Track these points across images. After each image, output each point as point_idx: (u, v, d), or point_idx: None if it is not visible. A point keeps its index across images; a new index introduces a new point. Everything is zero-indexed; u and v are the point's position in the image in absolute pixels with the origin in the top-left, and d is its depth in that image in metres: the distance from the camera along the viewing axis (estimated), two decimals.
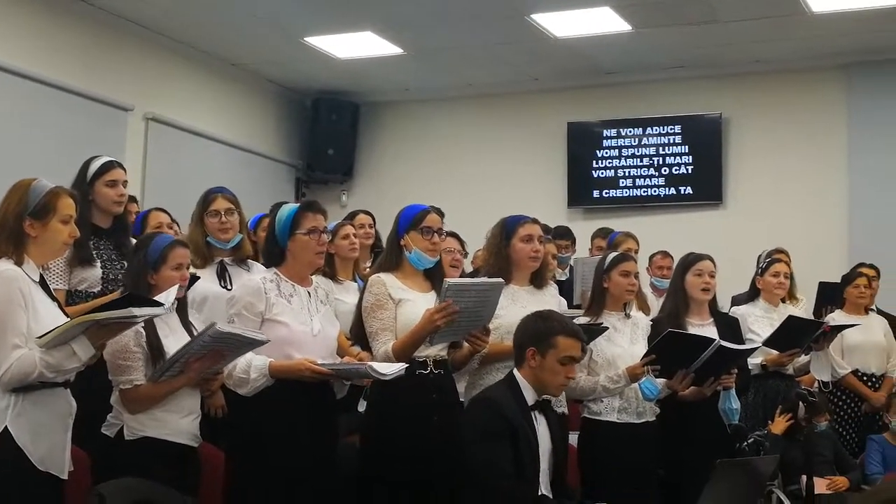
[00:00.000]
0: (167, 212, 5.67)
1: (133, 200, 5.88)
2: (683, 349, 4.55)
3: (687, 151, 9.64)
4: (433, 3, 8.01)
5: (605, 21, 8.24)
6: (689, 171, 9.64)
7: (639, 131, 9.82)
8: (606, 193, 9.90)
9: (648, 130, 9.78)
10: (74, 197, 3.56)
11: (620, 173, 9.86)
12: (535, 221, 4.54)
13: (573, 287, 6.86)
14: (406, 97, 10.61)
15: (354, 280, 5.31)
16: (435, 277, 4.20)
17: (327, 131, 10.52)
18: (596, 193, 9.93)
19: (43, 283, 3.50)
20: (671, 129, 9.70)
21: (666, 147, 9.71)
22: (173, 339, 3.74)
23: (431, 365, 4.08)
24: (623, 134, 9.87)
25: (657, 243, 7.33)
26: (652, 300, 6.46)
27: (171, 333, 3.78)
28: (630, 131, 9.85)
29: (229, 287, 4.60)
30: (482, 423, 3.79)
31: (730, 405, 4.74)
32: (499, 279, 4.16)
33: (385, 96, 10.64)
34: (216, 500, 4.03)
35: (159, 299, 3.41)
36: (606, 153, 9.91)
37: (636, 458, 4.54)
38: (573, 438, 4.69)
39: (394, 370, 3.75)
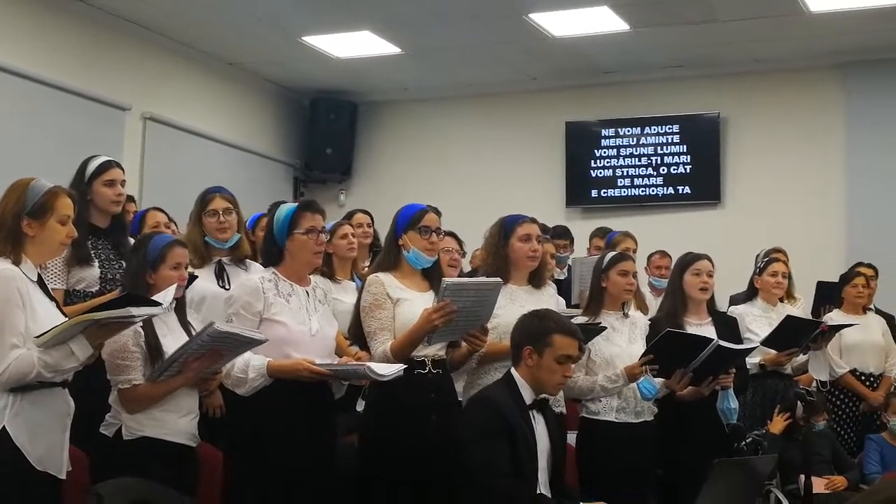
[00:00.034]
0: (164, 211, 5.67)
1: (131, 200, 5.87)
2: (682, 349, 4.55)
3: (685, 151, 9.64)
4: (431, 3, 8.00)
5: (604, 20, 8.24)
6: (688, 171, 9.64)
7: (637, 131, 9.82)
8: (605, 193, 9.89)
9: (647, 130, 9.77)
10: (73, 197, 3.55)
11: (619, 173, 9.85)
12: (534, 221, 4.53)
13: (571, 287, 6.86)
14: (404, 96, 10.60)
15: (352, 279, 5.31)
16: (433, 277, 4.20)
17: (325, 131, 10.51)
18: (594, 193, 9.92)
19: (41, 283, 3.49)
20: (669, 129, 9.69)
21: (664, 146, 9.71)
22: (172, 339, 3.74)
23: (430, 364, 4.08)
24: (621, 133, 9.87)
25: (655, 243, 7.34)
26: (650, 300, 6.46)
27: (170, 333, 3.78)
28: (628, 131, 9.84)
29: (227, 287, 4.59)
30: (480, 423, 3.79)
31: (728, 405, 4.73)
32: (497, 279, 4.15)
33: (383, 96, 10.62)
34: (214, 500, 4.03)
35: (157, 299, 3.40)
36: (605, 153, 9.90)
37: (634, 458, 4.54)
38: (571, 438, 4.69)
39: (392, 371, 3.74)
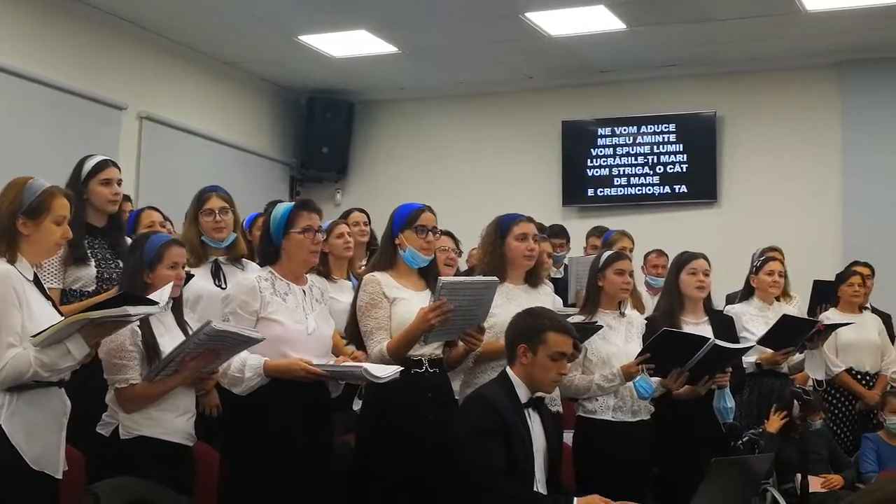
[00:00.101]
0: (160, 210, 5.66)
1: (127, 199, 5.87)
2: (678, 348, 4.55)
3: (681, 150, 9.64)
4: (428, 2, 8.00)
5: (600, 19, 8.24)
6: (684, 170, 9.64)
7: (633, 130, 9.81)
8: (601, 192, 9.89)
9: (643, 129, 9.77)
10: (69, 197, 3.54)
11: (615, 172, 9.85)
12: (530, 220, 4.53)
13: (568, 286, 6.86)
14: (401, 96, 10.59)
15: (349, 279, 5.31)
16: (429, 276, 4.20)
17: (322, 130, 10.50)
18: (591, 192, 9.92)
19: (37, 282, 3.49)
20: (666, 128, 9.70)
21: (660, 145, 9.71)
22: (169, 339, 3.74)
23: (427, 364, 4.09)
24: (618, 132, 9.87)
25: (652, 242, 7.35)
26: (647, 299, 6.46)
27: (167, 332, 3.78)
28: (624, 130, 9.84)
29: (224, 286, 4.59)
30: (476, 420, 3.78)
31: (724, 404, 4.74)
32: (493, 278, 4.15)
33: (380, 95, 10.61)
34: (211, 500, 4.03)
35: (154, 297, 3.40)
36: (601, 152, 9.90)
37: (631, 457, 4.54)
38: (568, 437, 4.69)
39: (389, 373, 3.73)
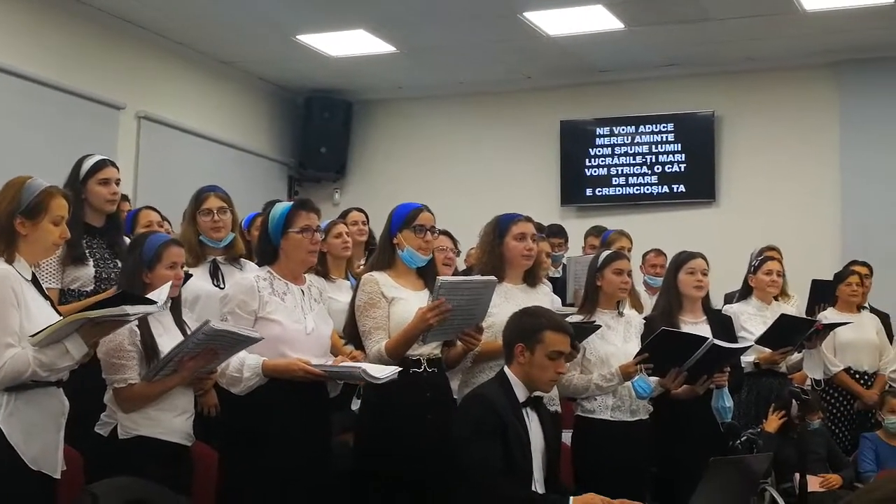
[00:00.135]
0: (157, 210, 5.66)
1: (125, 199, 5.86)
2: (676, 347, 4.55)
3: (680, 149, 9.64)
4: (426, 2, 8.00)
5: (598, 19, 8.24)
6: (682, 170, 9.64)
7: (631, 129, 9.81)
8: (599, 192, 9.89)
9: (641, 128, 9.77)
10: (68, 198, 3.54)
11: (613, 171, 9.85)
12: (529, 219, 4.53)
13: (566, 285, 6.86)
14: (399, 95, 10.59)
15: (347, 278, 5.31)
16: (428, 276, 4.20)
17: (320, 129, 10.50)
18: (589, 192, 9.92)
19: (35, 282, 3.49)
20: (664, 128, 9.70)
21: (659, 145, 9.71)
22: (167, 338, 3.74)
23: (425, 363, 4.09)
24: (616, 132, 9.87)
25: (650, 241, 7.35)
26: (645, 298, 6.47)
27: (165, 332, 3.78)
28: (623, 129, 9.84)
29: (222, 286, 4.58)
30: (474, 419, 3.78)
31: (723, 403, 4.74)
32: (491, 277, 4.15)
33: (378, 94, 10.61)
34: (209, 499, 4.02)
35: (152, 297, 3.41)
36: (599, 151, 9.90)
37: (630, 457, 4.55)
38: (566, 436, 4.69)
39: (387, 374, 3.73)
